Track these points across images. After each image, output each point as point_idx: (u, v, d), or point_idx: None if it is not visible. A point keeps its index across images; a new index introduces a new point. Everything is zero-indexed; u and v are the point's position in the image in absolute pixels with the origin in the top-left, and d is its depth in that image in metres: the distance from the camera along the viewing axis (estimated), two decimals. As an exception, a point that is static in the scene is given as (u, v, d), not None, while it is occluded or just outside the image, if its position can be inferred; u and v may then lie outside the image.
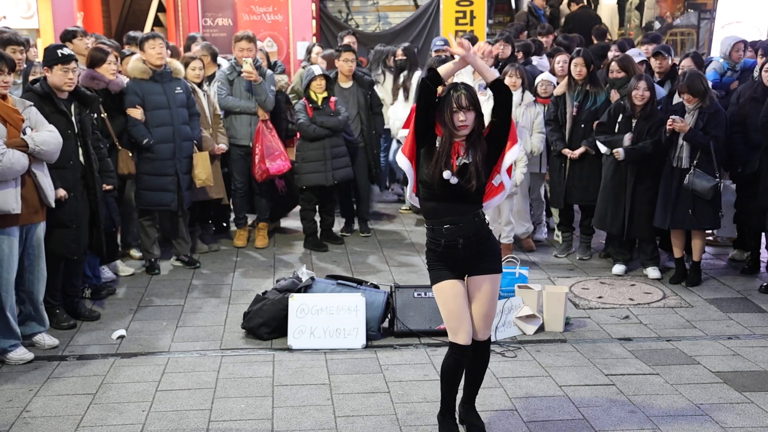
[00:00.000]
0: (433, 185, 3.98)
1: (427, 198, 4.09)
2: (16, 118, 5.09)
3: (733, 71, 7.80)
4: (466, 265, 4.08)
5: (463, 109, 3.92)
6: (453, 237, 4.01)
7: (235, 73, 7.67)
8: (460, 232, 4.01)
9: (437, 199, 4.03)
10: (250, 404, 4.70)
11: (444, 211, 4.02)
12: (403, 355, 5.41)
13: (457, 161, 3.95)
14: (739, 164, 6.81)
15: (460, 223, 4.01)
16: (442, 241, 4.03)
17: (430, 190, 4.04)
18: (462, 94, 3.93)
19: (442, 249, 4.05)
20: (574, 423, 4.45)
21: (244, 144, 7.71)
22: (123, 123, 6.81)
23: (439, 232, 4.03)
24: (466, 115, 3.93)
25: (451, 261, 4.06)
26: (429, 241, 4.12)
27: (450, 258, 4.05)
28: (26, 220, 5.19)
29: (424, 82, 4.00)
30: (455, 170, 3.94)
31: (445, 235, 4.01)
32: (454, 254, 4.04)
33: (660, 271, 6.95)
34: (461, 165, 3.95)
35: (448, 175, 3.93)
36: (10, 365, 5.20)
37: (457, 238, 4.01)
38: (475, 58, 4.08)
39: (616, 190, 6.85)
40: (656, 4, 13.05)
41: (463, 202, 4.02)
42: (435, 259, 4.11)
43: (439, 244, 4.05)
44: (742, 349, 5.49)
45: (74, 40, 7.29)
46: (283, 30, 10.36)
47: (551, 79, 7.77)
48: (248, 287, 6.72)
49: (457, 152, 3.98)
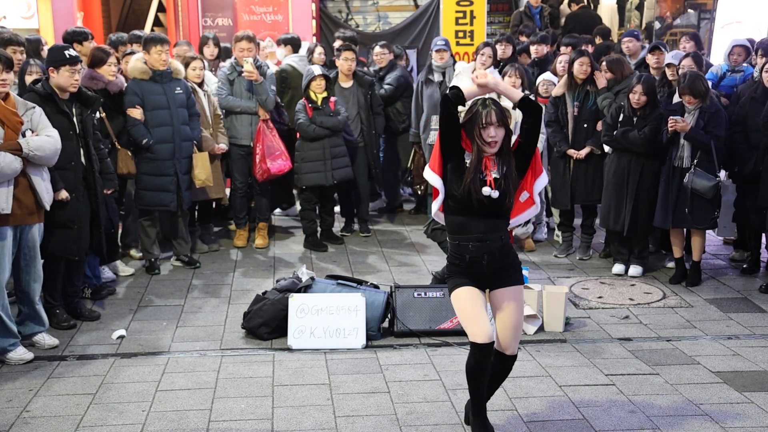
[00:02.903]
0: (468, 200, 3.92)
1: (456, 212, 4.03)
2: (14, 120, 5.08)
3: (732, 72, 7.78)
4: (489, 280, 4.06)
5: (493, 125, 3.88)
6: (479, 253, 3.98)
7: (236, 73, 7.67)
8: (486, 248, 3.97)
9: (469, 213, 3.98)
10: (250, 404, 4.70)
11: (473, 226, 3.98)
12: (403, 355, 5.41)
13: (492, 175, 3.92)
14: (738, 164, 6.82)
15: (488, 240, 3.97)
16: (466, 257, 4.00)
17: (460, 205, 3.98)
18: (492, 110, 3.89)
19: (466, 264, 4.02)
20: (574, 423, 4.45)
21: (244, 144, 7.71)
22: (122, 123, 6.81)
23: (465, 248, 3.99)
24: (496, 131, 3.89)
25: (473, 276, 4.04)
26: (452, 256, 4.08)
27: (473, 273, 4.03)
28: (20, 220, 5.17)
29: (446, 98, 3.95)
30: (493, 186, 3.90)
31: (471, 251, 3.98)
32: (478, 270, 4.02)
33: (643, 270, 7.00)
34: (496, 180, 3.91)
35: (488, 191, 3.88)
36: (10, 365, 5.20)
37: (482, 254, 3.98)
38: (497, 85, 4.07)
39: (618, 188, 6.85)
40: (656, 4, 13.05)
41: (494, 217, 3.99)
42: (457, 271, 4.07)
43: (463, 259, 4.01)
44: (742, 349, 5.49)
45: (84, 43, 7.29)
46: (283, 30, 10.33)
47: (552, 79, 7.76)
48: (248, 287, 6.72)
49: (488, 167, 3.93)
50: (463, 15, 9.54)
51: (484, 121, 3.89)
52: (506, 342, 4.11)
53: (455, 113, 3.97)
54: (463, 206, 3.97)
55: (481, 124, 3.89)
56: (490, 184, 3.90)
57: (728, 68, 7.80)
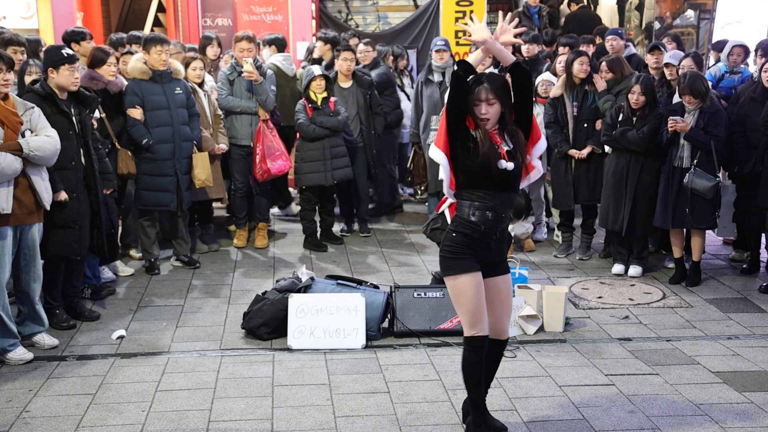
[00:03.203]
0: (484, 172, 3.90)
1: (471, 186, 3.98)
2: (13, 121, 5.08)
3: (732, 74, 7.78)
4: (489, 261, 4.04)
5: (484, 102, 3.89)
6: (494, 227, 3.98)
7: (236, 73, 7.67)
8: (501, 222, 4.00)
9: (485, 186, 3.96)
10: (249, 404, 4.70)
11: (490, 198, 3.96)
12: (402, 355, 5.41)
13: (504, 148, 3.93)
14: (738, 164, 6.82)
15: (503, 214, 4.01)
16: (481, 228, 3.97)
17: (476, 178, 3.96)
18: (482, 87, 3.89)
19: (479, 236, 3.97)
20: (573, 423, 4.45)
21: (244, 144, 7.72)
22: (122, 123, 6.81)
23: (483, 218, 3.96)
24: (487, 108, 3.90)
25: (480, 251, 4.00)
26: (463, 225, 3.99)
27: (480, 248, 4.00)
28: (20, 220, 5.17)
29: (456, 74, 3.93)
30: (507, 158, 3.91)
31: (488, 222, 3.96)
32: (487, 245, 4.00)
33: (642, 271, 7.00)
34: (508, 152, 3.92)
35: (504, 164, 3.89)
36: (10, 365, 5.20)
37: (496, 228, 3.99)
38: (494, 44, 4.01)
39: (617, 188, 6.85)
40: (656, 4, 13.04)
41: (510, 189, 4.01)
42: (464, 245, 3.98)
43: (477, 229, 3.97)
44: (742, 349, 5.49)
45: (82, 42, 7.29)
46: (282, 30, 10.32)
47: (552, 79, 7.76)
48: (248, 287, 6.72)
49: (496, 141, 3.95)
50: (463, 15, 9.55)
51: (475, 99, 3.90)
52: (502, 328, 4.16)
53: (465, 89, 3.93)
54: (479, 179, 3.95)
55: (474, 101, 3.91)
56: (503, 156, 3.91)
57: (727, 69, 7.81)
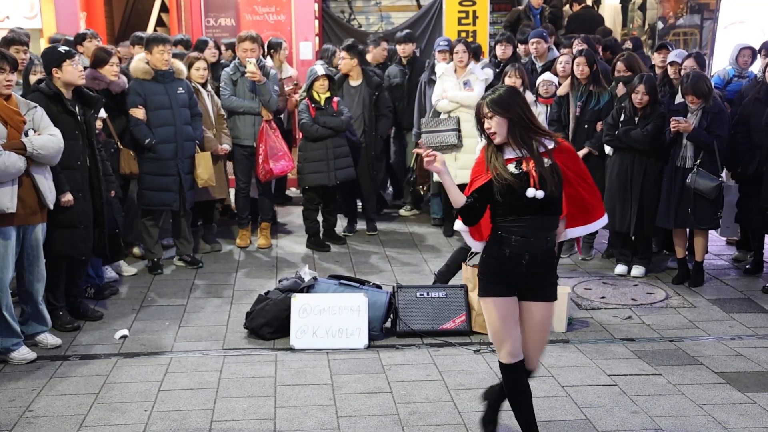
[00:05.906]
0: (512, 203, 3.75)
1: (502, 214, 3.82)
2: (17, 120, 5.09)
3: (740, 77, 7.74)
4: (525, 286, 3.87)
5: (486, 118, 3.79)
6: (521, 251, 3.79)
7: (239, 74, 7.67)
8: (529, 246, 3.78)
9: (515, 213, 3.78)
10: (252, 404, 4.70)
11: (518, 222, 3.78)
12: (405, 355, 5.41)
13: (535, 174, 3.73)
14: (741, 164, 6.81)
15: (532, 237, 3.78)
16: (507, 252, 3.81)
17: (504, 207, 3.80)
18: (483, 102, 3.81)
19: (505, 260, 3.82)
20: (576, 423, 4.44)
21: (247, 144, 7.72)
22: (124, 123, 6.82)
23: (507, 242, 3.80)
24: (489, 122, 3.78)
25: (509, 276, 3.84)
26: (491, 248, 3.88)
27: (509, 273, 3.84)
28: (23, 220, 5.17)
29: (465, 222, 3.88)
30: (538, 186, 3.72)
31: (513, 246, 3.79)
32: (516, 269, 3.82)
33: (645, 271, 6.99)
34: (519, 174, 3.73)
35: (532, 193, 3.70)
36: (13, 365, 5.21)
37: (524, 252, 3.79)
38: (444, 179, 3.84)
39: (622, 189, 6.85)
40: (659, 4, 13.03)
41: (543, 212, 3.79)
42: (493, 268, 3.87)
43: (503, 253, 3.82)
44: (745, 349, 5.49)
45: (84, 43, 7.31)
46: (285, 30, 10.35)
47: (552, 79, 7.74)
48: (251, 287, 6.72)
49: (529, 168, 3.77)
50: (466, 15, 9.55)
51: (480, 115, 3.83)
52: (529, 356, 3.96)
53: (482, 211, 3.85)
54: (506, 207, 3.80)
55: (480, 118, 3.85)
56: (534, 185, 3.72)
57: (735, 72, 7.76)
